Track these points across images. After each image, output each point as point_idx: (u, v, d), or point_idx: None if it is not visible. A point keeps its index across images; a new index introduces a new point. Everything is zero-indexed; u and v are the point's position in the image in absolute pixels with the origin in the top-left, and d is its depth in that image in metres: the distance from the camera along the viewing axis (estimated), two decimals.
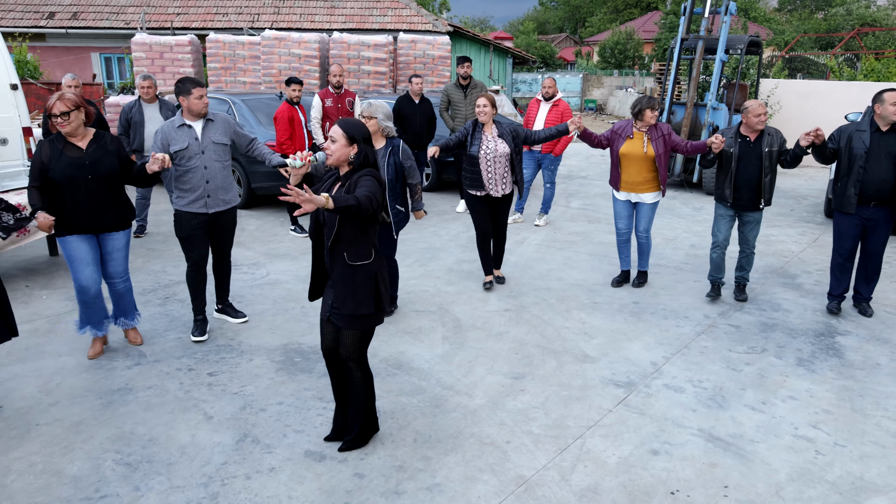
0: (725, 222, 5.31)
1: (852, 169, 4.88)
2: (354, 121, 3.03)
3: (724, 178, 5.18)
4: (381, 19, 18.71)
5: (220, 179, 4.44)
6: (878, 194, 4.82)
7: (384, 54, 12.46)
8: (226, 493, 2.98)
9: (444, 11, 41.97)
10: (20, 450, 3.28)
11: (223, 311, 4.95)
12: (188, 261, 4.53)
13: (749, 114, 5.00)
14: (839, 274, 5.19)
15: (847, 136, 4.94)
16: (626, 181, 5.51)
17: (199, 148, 4.34)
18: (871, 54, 18.18)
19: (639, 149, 5.36)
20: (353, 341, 3.13)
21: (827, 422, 3.65)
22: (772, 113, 13.54)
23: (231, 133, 4.52)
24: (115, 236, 4.21)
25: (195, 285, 4.58)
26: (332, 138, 2.97)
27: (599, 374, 4.15)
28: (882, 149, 4.79)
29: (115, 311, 4.43)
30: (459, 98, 8.03)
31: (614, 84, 30.84)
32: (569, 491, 3.03)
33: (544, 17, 63.69)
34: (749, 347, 4.59)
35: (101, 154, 4.01)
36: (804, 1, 48.19)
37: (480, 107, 5.31)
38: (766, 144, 5.04)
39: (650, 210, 5.58)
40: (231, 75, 12.70)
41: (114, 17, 18.38)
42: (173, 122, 4.36)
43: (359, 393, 3.25)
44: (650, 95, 5.40)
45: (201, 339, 4.55)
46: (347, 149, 2.97)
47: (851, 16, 36.96)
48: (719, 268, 5.42)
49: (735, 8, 9.59)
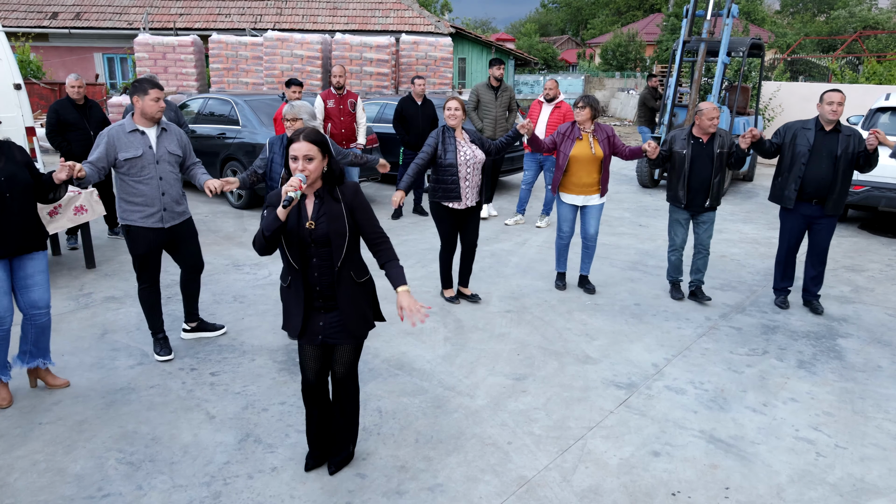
0: (681, 226, 5.41)
1: (794, 165, 5.02)
2: (316, 132, 2.76)
3: (677, 180, 5.25)
4: (384, 20, 18.74)
5: (174, 192, 4.14)
6: (818, 192, 4.98)
7: (386, 55, 12.48)
8: (228, 493, 2.99)
9: (445, 13, 42.04)
10: (23, 448, 3.29)
11: (198, 329, 4.62)
12: (143, 279, 4.20)
13: (703, 116, 5.07)
14: (782, 268, 5.38)
15: (792, 133, 5.07)
16: (576, 184, 5.40)
17: (155, 157, 4.01)
18: (874, 57, 18.18)
19: (587, 150, 5.32)
20: (354, 354, 3.00)
21: (828, 424, 3.65)
22: (773, 116, 13.56)
23: (183, 146, 4.21)
24: (33, 257, 3.62)
25: (151, 304, 4.26)
26: (309, 156, 2.68)
27: (601, 376, 4.16)
28: (825, 147, 4.92)
29: (32, 350, 3.74)
30: (490, 99, 7.94)
31: (616, 86, 30.85)
32: (570, 492, 3.04)
33: (546, 18, 63.74)
34: (750, 349, 4.60)
35: (13, 168, 3.49)
36: (806, 3, 48.21)
37: (451, 110, 4.94)
38: (718, 146, 5.13)
39: (598, 212, 5.52)
40: (233, 76, 12.74)
41: (117, 17, 18.42)
42: (123, 127, 3.96)
43: (352, 406, 3.12)
44: (590, 95, 5.39)
45: (169, 358, 4.26)
46: (322, 162, 2.74)
47: (854, 18, 36.98)
48: (678, 268, 5.59)
49: (737, 10, 9.60)
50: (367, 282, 2.97)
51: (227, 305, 5.24)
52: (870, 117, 8.36)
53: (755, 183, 11.26)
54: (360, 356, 3.14)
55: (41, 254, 3.67)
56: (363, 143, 7.79)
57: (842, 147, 4.89)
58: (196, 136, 8.66)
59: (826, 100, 4.87)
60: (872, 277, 6.20)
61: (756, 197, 10.05)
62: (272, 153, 4.46)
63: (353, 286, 2.89)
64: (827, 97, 4.87)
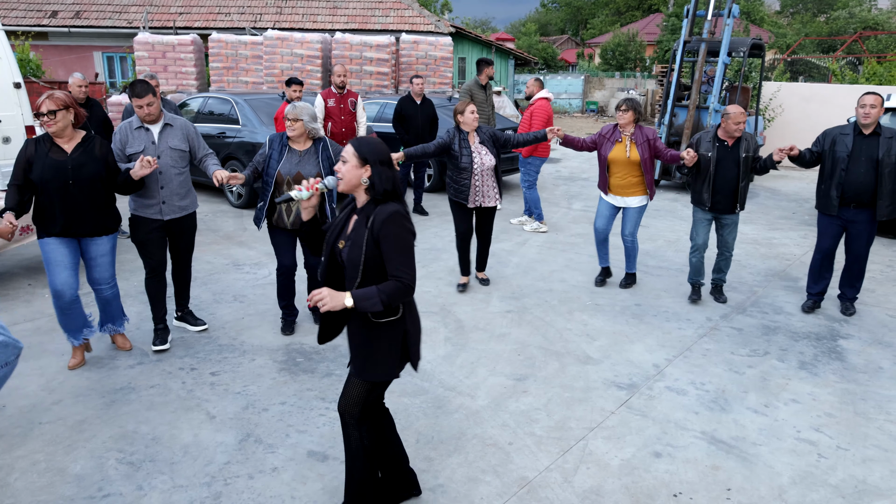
0: (704, 226, 5.38)
1: (835, 171, 4.96)
2: (369, 139, 2.52)
3: (701, 183, 5.24)
4: (384, 20, 18.72)
5: (175, 185, 4.25)
6: (858, 196, 4.90)
7: (386, 55, 12.47)
8: (228, 493, 2.98)
9: (445, 12, 42.01)
10: (23, 448, 3.28)
11: (183, 319, 4.78)
12: (146, 266, 4.36)
13: (729, 120, 5.05)
14: (817, 273, 5.28)
15: (831, 140, 5.01)
16: (615, 185, 5.54)
17: (155, 152, 4.15)
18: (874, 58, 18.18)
19: (623, 153, 5.41)
20: (358, 393, 2.60)
21: (829, 425, 3.65)
22: (773, 116, 13.55)
23: (189, 140, 4.32)
24: (97, 241, 4.04)
25: (154, 292, 4.41)
26: (343, 158, 2.48)
27: (602, 376, 4.15)
28: (863, 152, 4.86)
29: (101, 317, 4.32)
30: (482, 97, 8.22)
31: (616, 86, 30.82)
32: (571, 493, 3.03)
33: (546, 18, 63.69)
34: (751, 350, 4.59)
35: (85, 159, 3.85)
36: (806, 4, 48.21)
37: (472, 114, 5.30)
38: (744, 150, 5.11)
39: (636, 214, 5.60)
40: (233, 75, 12.72)
41: (116, 16, 18.39)
42: (131, 123, 4.19)
43: (348, 455, 2.71)
44: (633, 98, 5.47)
45: (163, 348, 4.38)
46: (359, 170, 2.45)
47: (853, 19, 36.98)
48: (699, 271, 5.52)
49: (738, 11, 9.60)
50: (388, 324, 2.52)
51: (228, 305, 5.23)
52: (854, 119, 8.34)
53: (755, 184, 11.26)
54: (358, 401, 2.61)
55: (107, 238, 4.09)
56: None
57: (883, 150, 4.78)
58: None
59: (860, 103, 4.78)
60: (873, 278, 6.20)
61: (756, 197, 10.04)
62: (271, 150, 4.47)
63: (365, 325, 2.53)
64: (861, 100, 4.77)
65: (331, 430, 3.48)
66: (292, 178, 4.38)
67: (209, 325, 4.81)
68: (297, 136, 4.39)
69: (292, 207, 4.47)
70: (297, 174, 4.38)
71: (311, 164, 4.43)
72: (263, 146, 4.52)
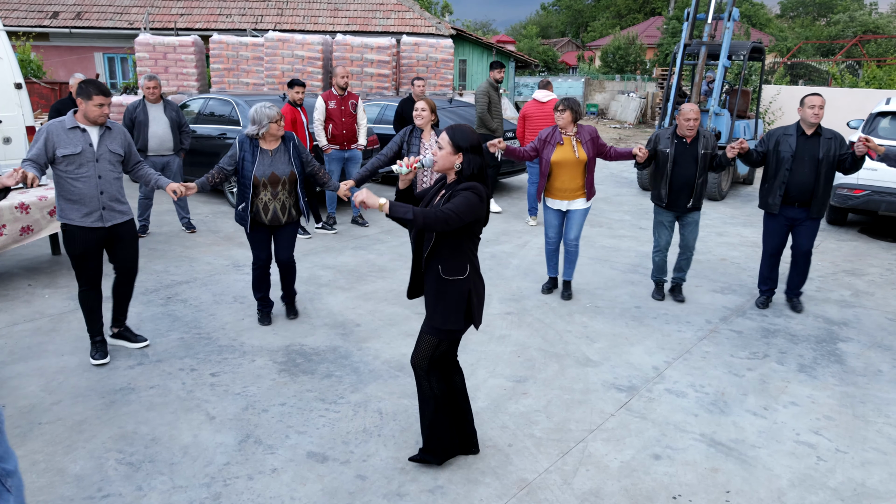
0: (665, 228, 5.44)
1: (779, 171, 5.08)
2: (463, 128, 2.88)
3: (659, 179, 5.28)
4: (385, 22, 18.75)
5: (114, 190, 4.05)
6: (802, 195, 5.04)
7: (387, 57, 12.48)
8: (228, 494, 2.98)
9: (446, 14, 42.05)
10: (23, 448, 3.28)
11: (121, 336, 4.46)
12: (82, 280, 4.10)
13: (680, 117, 5.09)
14: (766, 270, 5.43)
15: (775, 140, 5.13)
16: (560, 189, 5.29)
17: (94, 155, 3.93)
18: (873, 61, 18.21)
19: (570, 154, 5.18)
20: (427, 347, 3.02)
21: (828, 428, 3.65)
22: (773, 119, 13.57)
23: (125, 145, 4.12)
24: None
25: (91, 306, 4.18)
26: (440, 145, 2.87)
27: (601, 378, 4.15)
28: (806, 152, 4.99)
29: None
30: (497, 99, 8.35)
31: (616, 89, 30.86)
32: (571, 495, 3.03)
33: (546, 21, 63.78)
34: (751, 353, 4.59)
35: None
36: (806, 7, 48.28)
37: (418, 111, 5.21)
38: (702, 147, 5.15)
39: (581, 217, 5.41)
40: (234, 76, 12.73)
41: (117, 17, 18.41)
42: (63, 123, 3.89)
43: (421, 403, 3.16)
44: (571, 97, 5.28)
45: (104, 362, 4.17)
46: (453, 157, 2.85)
47: (853, 22, 37.02)
48: (661, 269, 5.59)
49: (738, 14, 9.62)
50: (455, 282, 2.92)
51: (228, 306, 5.24)
52: (870, 121, 8.36)
53: (755, 186, 11.27)
54: (426, 355, 3.02)
55: None
56: (364, 143, 7.79)
57: (823, 150, 4.95)
58: (196, 136, 8.65)
59: (807, 104, 4.92)
60: (873, 281, 6.21)
61: (756, 200, 10.04)
62: (243, 151, 4.56)
63: (437, 280, 2.94)
64: (808, 101, 4.92)
65: (330, 431, 3.48)
66: (268, 180, 4.54)
67: (209, 326, 4.82)
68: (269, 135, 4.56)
69: None
70: (272, 175, 4.55)
71: (284, 162, 4.61)
72: (233, 148, 4.60)
